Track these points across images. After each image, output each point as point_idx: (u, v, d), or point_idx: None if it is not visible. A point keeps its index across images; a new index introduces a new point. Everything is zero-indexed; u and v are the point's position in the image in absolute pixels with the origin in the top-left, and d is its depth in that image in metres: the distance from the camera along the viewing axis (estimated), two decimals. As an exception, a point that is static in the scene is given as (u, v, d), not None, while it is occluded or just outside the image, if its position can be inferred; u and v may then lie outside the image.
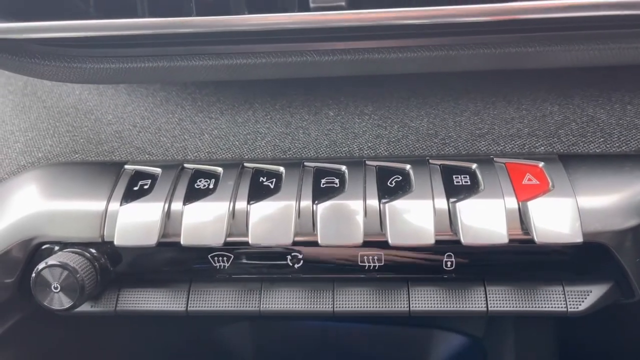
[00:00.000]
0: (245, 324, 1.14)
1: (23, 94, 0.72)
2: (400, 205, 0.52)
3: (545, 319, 0.99)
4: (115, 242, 0.53)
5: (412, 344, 1.13)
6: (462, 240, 0.50)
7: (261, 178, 0.57)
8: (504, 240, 0.50)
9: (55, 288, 0.53)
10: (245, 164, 0.59)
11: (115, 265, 0.58)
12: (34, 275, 0.53)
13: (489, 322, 1.09)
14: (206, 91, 0.69)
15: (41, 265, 0.53)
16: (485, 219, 0.50)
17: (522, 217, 0.51)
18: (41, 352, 0.71)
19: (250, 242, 0.52)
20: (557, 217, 0.50)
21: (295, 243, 0.52)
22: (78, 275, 0.53)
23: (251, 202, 0.54)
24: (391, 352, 1.13)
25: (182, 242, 0.52)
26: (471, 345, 1.09)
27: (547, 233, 0.50)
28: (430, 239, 0.50)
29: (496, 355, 1.05)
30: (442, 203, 0.52)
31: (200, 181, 0.57)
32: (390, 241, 0.50)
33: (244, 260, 0.56)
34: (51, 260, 0.53)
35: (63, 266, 0.53)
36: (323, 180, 0.55)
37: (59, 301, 0.54)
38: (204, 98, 0.68)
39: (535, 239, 0.50)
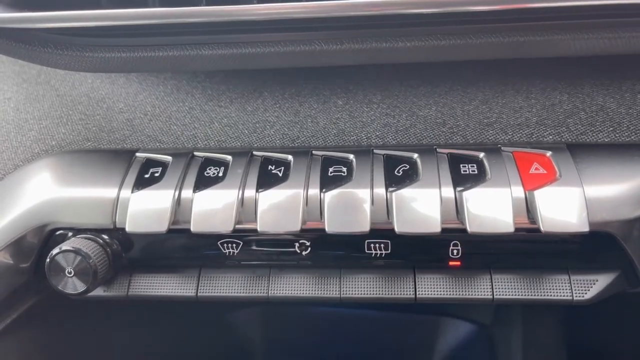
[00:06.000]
0: (254, 310, 1.15)
1: (37, 82, 0.73)
2: (407, 193, 0.52)
3: (552, 307, 0.99)
4: (127, 229, 0.54)
5: (419, 331, 1.14)
6: (469, 229, 0.50)
7: (270, 166, 0.57)
8: (510, 229, 0.50)
9: (69, 273, 0.55)
10: (254, 152, 0.59)
11: (126, 251, 0.59)
12: (48, 260, 0.55)
13: (496, 310, 1.09)
14: (216, 80, 0.69)
15: (55, 251, 0.54)
16: (491, 207, 0.51)
17: (529, 206, 0.52)
18: (55, 335, 0.73)
19: (258, 229, 0.52)
20: (563, 207, 0.50)
21: (303, 230, 0.53)
22: (91, 261, 0.54)
23: (260, 190, 0.54)
24: (398, 339, 1.14)
25: (192, 229, 0.53)
26: (478, 332, 1.10)
27: (553, 222, 0.50)
28: (436, 228, 0.50)
29: (503, 342, 1.06)
30: (449, 192, 0.53)
31: (210, 169, 0.57)
32: (396, 229, 0.51)
33: (253, 247, 0.57)
34: (65, 246, 0.54)
35: (76, 251, 0.54)
36: (331, 169, 0.56)
37: (73, 285, 0.55)
38: (214, 87, 0.68)
39: (542, 228, 0.50)
